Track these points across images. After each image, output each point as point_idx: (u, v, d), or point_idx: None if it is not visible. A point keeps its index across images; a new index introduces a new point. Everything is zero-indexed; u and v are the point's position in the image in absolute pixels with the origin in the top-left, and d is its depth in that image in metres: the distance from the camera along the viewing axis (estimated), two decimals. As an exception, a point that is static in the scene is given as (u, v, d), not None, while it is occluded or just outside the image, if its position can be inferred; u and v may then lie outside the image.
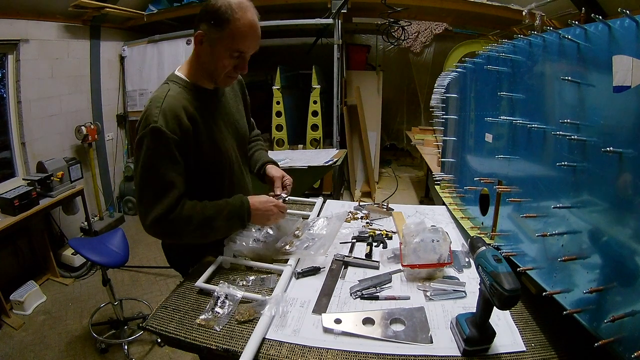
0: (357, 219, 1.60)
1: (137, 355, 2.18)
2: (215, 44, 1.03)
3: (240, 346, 0.87)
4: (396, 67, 5.52)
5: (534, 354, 0.84)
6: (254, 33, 1.04)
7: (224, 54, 1.04)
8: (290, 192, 1.34)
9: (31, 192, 2.61)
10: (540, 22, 2.89)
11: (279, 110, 3.92)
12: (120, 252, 2.12)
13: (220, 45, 1.02)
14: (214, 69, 1.08)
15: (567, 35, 0.82)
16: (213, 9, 1.00)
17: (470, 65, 1.54)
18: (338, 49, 3.62)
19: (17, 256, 2.88)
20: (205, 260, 1.27)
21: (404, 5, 3.45)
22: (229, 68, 1.07)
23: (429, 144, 3.67)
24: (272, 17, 3.80)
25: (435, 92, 2.07)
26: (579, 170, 0.80)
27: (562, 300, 0.82)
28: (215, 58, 1.05)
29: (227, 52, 1.03)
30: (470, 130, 1.56)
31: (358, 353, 0.85)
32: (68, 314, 2.56)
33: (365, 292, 1.07)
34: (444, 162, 2.06)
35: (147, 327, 0.97)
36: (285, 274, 1.13)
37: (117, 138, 4.26)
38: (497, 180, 1.23)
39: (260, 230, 1.33)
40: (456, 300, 1.04)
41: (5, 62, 2.99)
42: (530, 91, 1.05)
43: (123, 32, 4.17)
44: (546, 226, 0.92)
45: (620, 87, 0.67)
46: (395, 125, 5.92)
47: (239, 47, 1.03)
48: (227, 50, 1.03)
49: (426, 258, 1.12)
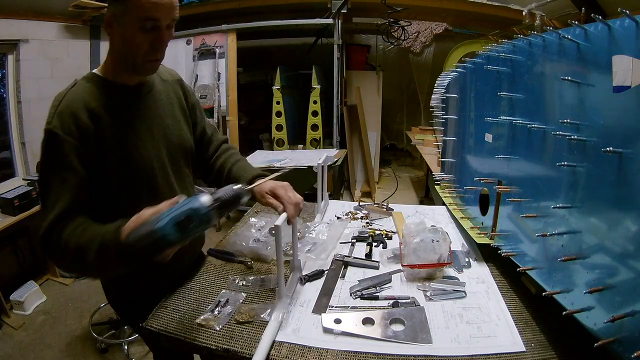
0: (357, 219, 1.60)
1: (137, 355, 2.17)
2: (123, 21, 0.86)
3: (240, 346, 0.87)
4: (396, 67, 5.52)
5: (534, 354, 0.84)
6: None
7: (135, 30, 0.86)
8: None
9: (31, 192, 2.61)
10: (540, 22, 2.89)
11: (279, 110, 3.91)
12: (120, 252, 2.12)
13: (128, 21, 0.85)
14: (128, 52, 0.90)
15: (567, 35, 0.82)
16: None
17: (470, 65, 1.54)
18: (338, 49, 3.62)
19: (17, 256, 2.88)
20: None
21: (404, 5, 3.45)
22: (146, 46, 0.89)
23: (429, 144, 3.67)
24: (272, 17, 3.80)
25: (435, 92, 2.07)
26: (578, 170, 0.80)
27: (562, 300, 0.82)
28: (127, 38, 0.88)
29: (137, 25, 0.86)
30: (470, 130, 1.56)
31: (358, 353, 0.85)
32: (68, 314, 2.56)
33: (365, 292, 1.07)
34: (444, 162, 2.06)
35: (147, 327, 0.96)
36: (293, 276, 1.11)
37: (117, 138, 4.26)
38: (497, 180, 1.23)
39: (260, 230, 1.33)
40: (456, 300, 1.04)
41: (5, 62, 2.99)
42: (530, 91, 1.05)
43: (123, 32, 4.17)
44: (546, 226, 0.92)
45: (620, 87, 0.67)
46: (395, 125, 5.91)
47: (148, 14, 0.85)
48: (137, 22, 0.85)
49: (426, 258, 1.12)
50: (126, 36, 0.88)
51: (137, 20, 0.85)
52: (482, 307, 1.01)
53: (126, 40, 0.89)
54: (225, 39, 3.78)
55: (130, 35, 0.87)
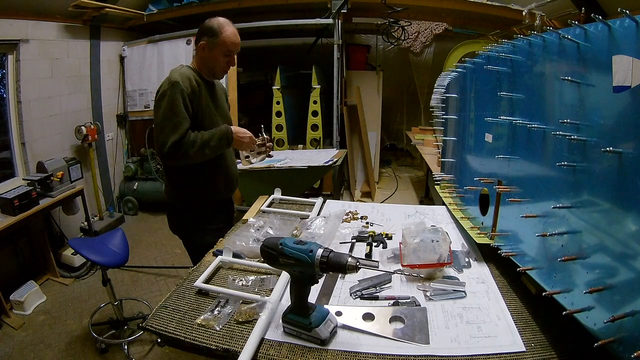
0: (356, 219, 1.60)
1: (137, 355, 2.17)
2: (213, 48, 1.53)
3: (240, 346, 0.87)
4: (396, 67, 5.53)
5: (533, 354, 0.84)
6: (236, 39, 1.56)
7: (219, 54, 1.54)
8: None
9: (31, 192, 2.61)
10: (540, 22, 2.89)
11: (279, 110, 3.91)
12: (120, 252, 2.12)
13: (216, 49, 1.53)
14: (213, 66, 1.58)
15: (567, 35, 0.82)
16: (209, 27, 1.52)
17: (470, 65, 1.54)
18: (338, 49, 3.62)
19: (17, 256, 2.88)
20: (205, 260, 1.27)
21: (404, 5, 3.45)
22: (224, 65, 1.58)
23: (429, 144, 3.67)
24: (272, 17, 3.80)
25: (435, 92, 2.07)
26: (578, 170, 0.80)
27: (562, 300, 0.82)
28: (214, 57, 1.55)
29: (221, 52, 1.54)
30: (470, 130, 1.56)
31: (358, 353, 0.85)
32: (68, 314, 2.56)
33: (365, 292, 1.07)
34: (444, 162, 2.06)
35: (147, 327, 0.97)
36: (285, 275, 1.13)
37: (117, 138, 4.26)
38: (497, 180, 1.23)
39: (259, 230, 1.33)
40: (456, 300, 1.04)
41: (5, 62, 2.99)
42: (530, 91, 1.05)
43: (123, 32, 4.17)
44: (546, 226, 0.92)
45: (620, 87, 0.67)
46: (395, 125, 5.92)
47: (230, 48, 1.55)
48: (221, 51, 1.54)
49: (426, 258, 1.12)
50: (213, 58, 1.55)
51: (222, 51, 1.54)
52: (482, 307, 1.01)
53: (213, 59, 1.55)
54: (225, 39, 3.78)
55: (216, 58, 1.55)
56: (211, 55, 1.53)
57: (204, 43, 1.53)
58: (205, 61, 1.56)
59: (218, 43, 1.51)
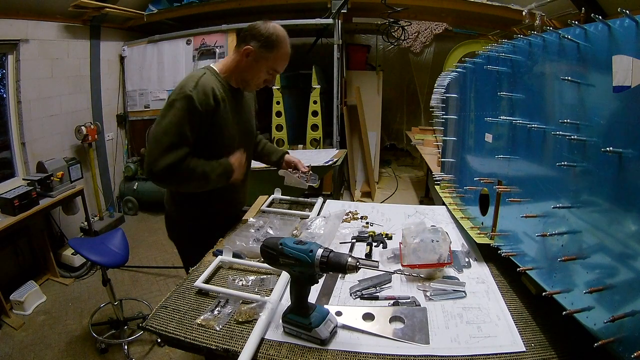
0: (356, 219, 1.60)
1: (137, 355, 2.18)
2: (259, 60, 1.30)
3: (240, 346, 0.87)
4: (396, 67, 5.53)
5: (534, 354, 0.84)
6: (288, 59, 1.36)
7: (264, 70, 1.33)
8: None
9: (31, 192, 2.61)
10: (540, 22, 2.89)
11: (279, 110, 3.91)
12: (120, 252, 2.12)
13: (263, 63, 1.31)
14: (250, 79, 1.36)
15: (567, 35, 0.82)
16: (266, 33, 1.27)
17: (470, 65, 1.54)
18: (338, 49, 3.62)
19: (17, 256, 2.88)
20: (205, 259, 1.27)
21: (404, 5, 3.45)
22: (261, 82, 1.38)
23: (429, 144, 3.68)
24: (272, 17, 3.78)
25: (435, 92, 2.07)
26: (578, 170, 0.80)
27: (562, 300, 0.82)
28: (255, 71, 1.33)
29: (266, 69, 1.33)
30: (470, 130, 1.56)
31: (358, 353, 0.85)
32: (68, 314, 2.56)
33: (365, 292, 1.07)
34: (444, 162, 2.06)
35: (147, 327, 0.96)
36: (284, 275, 1.13)
37: (117, 138, 4.27)
38: (497, 180, 1.23)
39: (259, 230, 1.33)
40: (456, 300, 1.04)
41: (5, 62, 2.99)
42: (530, 91, 1.05)
43: (123, 32, 4.17)
44: (546, 226, 0.92)
45: (620, 87, 0.67)
46: (395, 125, 5.92)
47: (278, 67, 1.35)
48: (268, 68, 1.33)
49: (426, 258, 1.12)
50: (255, 70, 1.33)
51: (268, 67, 1.32)
52: (482, 307, 1.01)
53: (252, 71, 1.33)
54: (225, 39, 3.79)
55: (257, 71, 1.33)
56: (254, 66, 1.31)
57: (252, 50, 1.28)
58: (242, 69, 1.34)
59: (269, 57, 1.29)
